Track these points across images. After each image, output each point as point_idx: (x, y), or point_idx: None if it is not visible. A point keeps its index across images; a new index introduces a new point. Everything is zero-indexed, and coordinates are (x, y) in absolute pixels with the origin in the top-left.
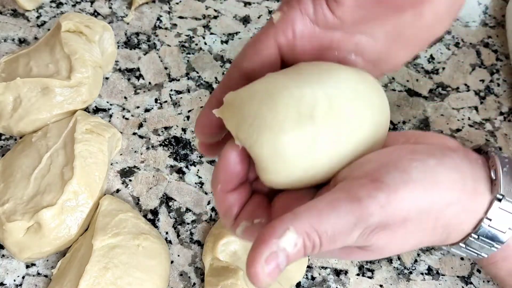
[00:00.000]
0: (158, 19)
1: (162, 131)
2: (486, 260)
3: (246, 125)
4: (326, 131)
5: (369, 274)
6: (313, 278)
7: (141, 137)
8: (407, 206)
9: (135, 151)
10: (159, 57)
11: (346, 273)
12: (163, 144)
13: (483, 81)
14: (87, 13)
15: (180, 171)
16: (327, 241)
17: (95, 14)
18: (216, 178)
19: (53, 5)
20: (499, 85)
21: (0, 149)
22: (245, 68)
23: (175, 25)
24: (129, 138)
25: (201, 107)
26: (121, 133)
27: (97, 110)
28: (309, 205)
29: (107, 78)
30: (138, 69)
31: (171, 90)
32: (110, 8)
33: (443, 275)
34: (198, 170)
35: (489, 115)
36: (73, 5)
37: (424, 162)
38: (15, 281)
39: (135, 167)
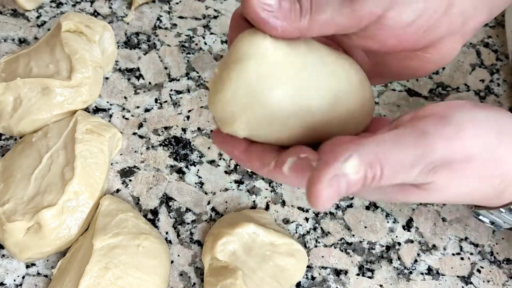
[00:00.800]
0: (158, 19)
1: (162, 131)
2: None
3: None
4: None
5: (369, 274)
6: (313, 278)
7: (141, 137)
8: (472, 143)
9: (135, 151)
10: (159, 57)
11: (346, 273)
12: (163, 144)
13: (483, 81)
14: (87, 13)
15: (180, 171)
16: (388, 174)
17: (95, 14)
18: (225, 146)
19: (53, 5)
20: (499, 85)
21: (0, 149)
22: None
23: (175, 25)
24: (129, 138)
25: (201, 107)
26: (121, 133)
27: (97, 110)
28: (374, 137)
29: (107, 78)
30: (138, 69)
31: (171, 90)
32: (110, 8)
33: (443, 275)
34: (198, 170)
35: None
36: (73, 5)
37: (486, 108)
38: (15, 281)
39: (135, 167)
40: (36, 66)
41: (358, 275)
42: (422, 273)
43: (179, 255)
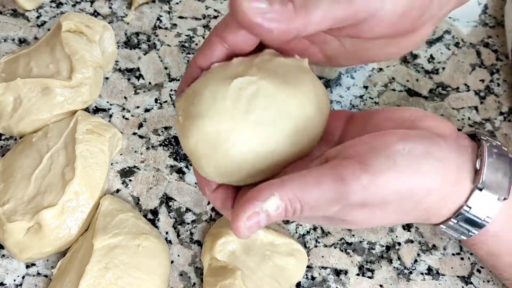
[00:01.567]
0: (158, 19)
1: (162, 131)
2: (467, 241)
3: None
4: (248, 123)
5: (369, 274)
6: (313, 278)
7: (141, 137)
8: (387, 189)
9: (135, 151)
10: (159, 57)
11: (346, 273)
12: (163, 144)
13: (483, 81)
14: (87, 13)
15: (180, 171)
16: (307, 210)
17: (95, 14)
18: (200, 184)
19: (53, 5)
20: (499, 85)
21: (0, 149)
22: (229, 40)
23: (175, 25)
24: (129, 138)
25: None
26: (121, 133)
27: (97, 110)
28: (297, 175)
29: (107, 78)
30: (138, 69)
31: (171, 90)
32: (110, 8)
33: (443, 275)
34: None
35: (489, 115)
36: (73, 5)
37: (411, 150)
38: (15, 281)
39: (135, 167)
40: (36, 66)
41: (358, 275)
42: (422, 273)
43: (179, 255)
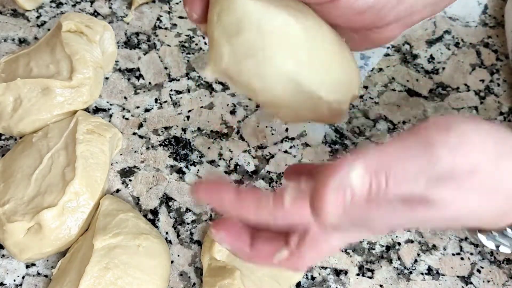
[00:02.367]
0: (158, 19)
1: (162, 131)
2: None
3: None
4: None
5: (369, 274)
6: (313, 278)
7: (141, 137)
8: (477, 155)
9: (135, 151)
10: (159, 57)
11: (346, 273)
12: (163, 144)
13: (483, 81)
14: (87, 13)
15: (180, 171)
16: (393, 183)
17: (95, 14)
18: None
19: (53, 5)
20: (499, 85)
21: (0, 149)
22: None
23: (175, 25)
24: (129, 138)
25: (201, 107)
26: (121, 133)
27: (97, 110)
28: (379, 147)
29: (107, 78)
30: (138, 69)
31: (171, 90)
32: (110, 8)
33: (443, 275)
34: (198, 170)
35: (489, 115)
36: (73, 5)
37: (487, 122)
38: (15, 281)
39: (135, 167)
40: (36, 66)
41: (358, 275)
42: (422, 273)
43: (179, 255)
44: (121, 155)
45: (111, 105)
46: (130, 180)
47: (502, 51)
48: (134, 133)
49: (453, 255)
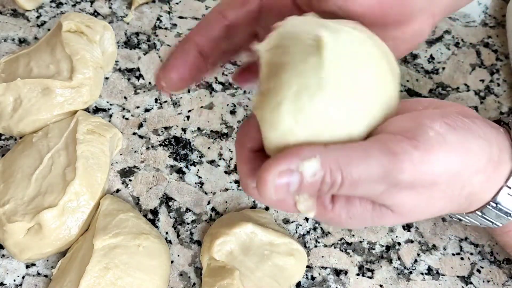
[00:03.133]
0: (158, 19)
1: (162, 131)
2: (499, 229)
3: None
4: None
5: (369, 274)
6: (313, 278)
7: (141, 137)
8: (438, 167)
9: (135, 151)
10: (159, 57)
11: (346, 273)
12: (163, 144)
13: (483, 81)
14: (87, 13)
15: (180, 171)
16: (348, 184)
17: (95, 14)
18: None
19: (53, 5)
20: (499, 85)
21: (0, 149)
22: (229, 16)
23: (175, 25)
24: (129, 138)
25: (201, 107)
26: (121, 133)
27: (97, 110)
28: (343, 145)
29: (107, 78)
30: (138, 69)
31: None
32: (110, 8)
33: (443, 275)
34: (198, 170)
35: (489, 115)
36: (73, 5)
37: (455, 127)
38: (15, 281)
39: (135, 167)
40: (36, 66)
41: (358, 275)
42: (422, 273)
43: (179, 255)
44: (121, 155)
45: (111, 105)
46: (130, 180)
47: (502, 51)
48: (134, 133)
49: (453, 255)
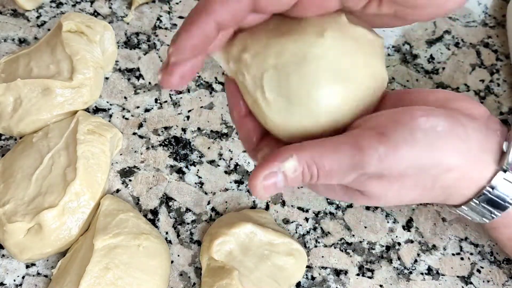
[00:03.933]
0: (158, 19)
1: (162, 131)
2: (488, 224)
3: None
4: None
5: (369, 274)
6: (313, 278)
7: (141, 137)
8: (404, 162)
9: (135, 151)
10: (159, 57)
11: (346, 273)
12: (163, 144)
13: (483, 81)
14: (87, 13)
15: (180, 171)
16: (323, 175)
17: (95, 14)
18: (231, 104)
19: (53, 5)
20: (499, 85)
21: (0, 149)
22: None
23: (175, 25)
24: (129, 138)
25: (201, 107)
26: (121, 133)
27: (97, 110)
28: (316, 141)
29: (107, 78)
30: (138, 69)
31: (171, 90)
32: (110, 8)
33: (443, 275)
34: (198, 170)
35: None
36: (73, 5)
37: (433, 126)
38: (15, 281)
39: (135, 167)
40: (36, 66)
41: (358, 275)
42: (422, 273)
43: (179, 255)
44: (121, 155)
45: (111, 105)
46: (130, 180)
47: (502, 51)
48: (134, 133)
49: (453, 255)
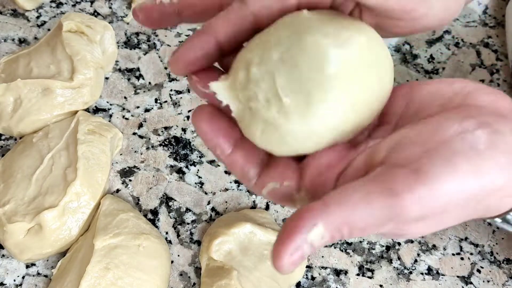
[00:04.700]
0: None
1: (162, 131)
2: None
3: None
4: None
5: (369, 274)
6: (313, 278)
7: (141, 137)
8: (448, 198)
9: (135, 151)
10: (159, 57)
11: (346, 273)
12: (163, 144)
13: (483, 81)
14: (87, 13)
15: (180, 171)
16: (357, 233)
17: (95, 14)
18: (212, 145)
19: (53, 5)
20: (499, 85)
21: (0, 149)
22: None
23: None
24: (129, 138)
25: None
26: (122, 133)
27: (97, 110)
28: (342, 197)
29: (107, 78)
30: (138, 69)
31: (171, 90)
32: (110, 8)
33: (443, 275)
34: (198, 170)
35: None
36: (73, 5)
37: (473, 145)
38: (15, 281)
39: (135, 167)
40: (36, 66)
41: (358, 275)
42: (422, 273)
43: (179, 255)
44: (121, 155)
45: (111, 105)
46: (130, 180)
47: (502, 51)
48: (134, 133)
49: (453, 255)
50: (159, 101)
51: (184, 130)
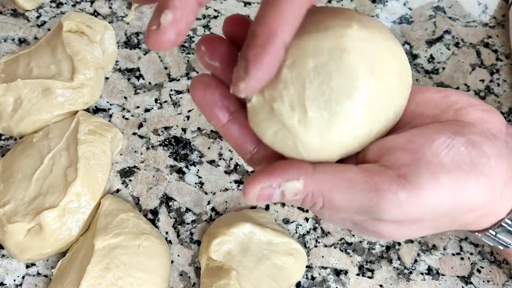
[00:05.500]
0: None
1: (162, 131)
2: (504, 250)
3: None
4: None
5: (369, 274)
6: (313, 278)
7: (141, 137)
8: (425, 208)
9: (135, 151)
10: (159, 57)
11: (346, 273)
12: (163, 144)
13: (483, 81)
14: (87, 13)
15: (180, 171)
16: (329, 208)
17: (95, 14)
18: (208, 115)
19: (53, 5)
20: (499, 85)
21: (0, 149)
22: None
23: None
24: (129, 138)
25: None
26: (122, 133)
27: (97, 110)
28: (332, 169)
29: (107, 78)
30: (138, 69)
31: (171, 90)
32: (110, 8)
33: (443, 275)
34: (198, 170)
35: None
36: (73, 5)
37: (458, 164)
38: (15, 281)
39: (135, 167)
40: (36, 66)
41: (358, 275)
42: (422, 273)
43: (179, 255)
44: (121, 155)
45: (111, 105)
46: (130, 180)
47: (502, 51)
48: (134, 133)
49: (453, 255)
50: (159, 101)
51: (184, 130)
